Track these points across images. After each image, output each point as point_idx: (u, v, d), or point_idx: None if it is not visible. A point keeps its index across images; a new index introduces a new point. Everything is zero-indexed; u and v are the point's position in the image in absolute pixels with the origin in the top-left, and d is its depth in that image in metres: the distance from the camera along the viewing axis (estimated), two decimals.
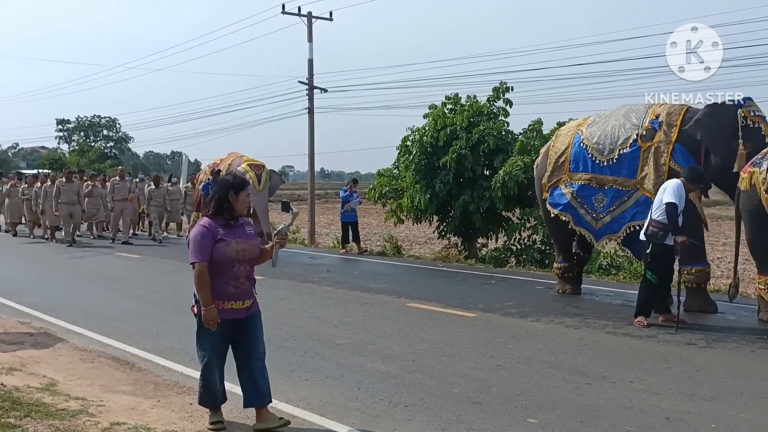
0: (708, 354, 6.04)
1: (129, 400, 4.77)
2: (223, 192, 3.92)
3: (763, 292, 7.27)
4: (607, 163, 8.23)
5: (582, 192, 8.47)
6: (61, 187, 15.47)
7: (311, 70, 24.50)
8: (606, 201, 8.26)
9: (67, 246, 15.11)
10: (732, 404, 4.67)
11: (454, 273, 11.46)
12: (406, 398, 4.76)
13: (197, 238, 3.87)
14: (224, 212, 3.93)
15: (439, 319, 7.51)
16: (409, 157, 14.10)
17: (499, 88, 13.90)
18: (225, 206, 3.92)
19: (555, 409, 4.59)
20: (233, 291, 3.97)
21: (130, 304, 8.56)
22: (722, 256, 15.49)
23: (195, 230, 3.94)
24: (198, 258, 3.86)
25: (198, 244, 3.87)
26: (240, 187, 3.97)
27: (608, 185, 8.23)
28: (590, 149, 8.39)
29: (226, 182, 3.99)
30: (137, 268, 12.19)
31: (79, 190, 15.90)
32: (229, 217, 3.94)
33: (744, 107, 7.66)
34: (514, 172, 11.99)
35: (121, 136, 72.15)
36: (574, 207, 8.55)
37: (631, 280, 10.28)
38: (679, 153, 7.80)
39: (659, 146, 7.86)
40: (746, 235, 7.48)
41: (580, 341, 6.51)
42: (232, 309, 4.00)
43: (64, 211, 15.41)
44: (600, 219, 8.36)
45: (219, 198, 3.92)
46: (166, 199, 16.72)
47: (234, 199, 3.93)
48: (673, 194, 6.87)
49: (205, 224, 3.93)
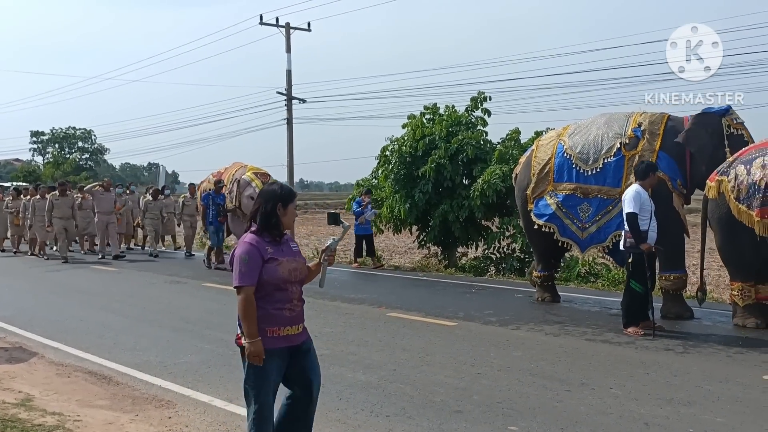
0: (685, 359, 6.11)
1: (106, 415, 4.70)
2: (270, 204, 3.42)
3: (737, 298, 7.38)
4: (592, 173, 8.21)
5: (567, 202, 8.42)
6: (55, 201, 14.80)
7: (290, 80, 24.55)
8: (591, 211, 8.24)
9: (62, 262, 14.47)
10: (709, 408, 4.72)
11: (434, 282, 11.48)
12: (387, 408, 4.75)
13: (244, 258, 3.34)
14: (272, 227, 3.42)
15: (420, 329, 7.51)
16: (389, 166, 14.12)
17: (477, 97, 13.98)
18: (273, 221, 3.42)
19: (536, 416, 4.61)
20: (289, 315, 3.43)
21: (107, 317, 8.46)
22: (698, 263, 15.67)
23: (241, 248, 3.38)
24: (246, 281, 3.33)
25: (245, 265, 3.34)
26: (289, 198, 3.47)
27: (593, 195, 8.21)
28: (574, 159, 8.36)
29: (273, 193, 3.47)
30: (113, 281, 12.05)
31: (74, 203, 15.26)
32: (277, 233, 3.44)
33: (728, 116, 7.79)
34: (493, 180, 12.06)
35: (97, 148, 71.47)
36: (560, 217, 8.50)
37: (609, 288, 10.37)
38: (663, 161, 7.84)
39: (643, 155, 7.90)
40: (717, 243, 7.58)
41: (560, 348, 6.55)
42: (288, 336, 3.45)
43: (58, 226, 14.80)
44: (586, 229, 8.32)
45: (266, 211, 3.41)
46: (163, 212, 16.13)
47: (282, 212, 3.43)
48: (631, 203, 6.97)
49: (252, 242, 3.38)
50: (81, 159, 69.99)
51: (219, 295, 10.20)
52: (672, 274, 7.88)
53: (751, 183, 6.98)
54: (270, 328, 3.38)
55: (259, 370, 3.36)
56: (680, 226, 7.89)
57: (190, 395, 5.16)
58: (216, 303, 9.55)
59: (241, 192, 13.21)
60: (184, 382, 5.49)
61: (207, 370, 5.87)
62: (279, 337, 3.40)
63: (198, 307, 9.25)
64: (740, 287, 7.35)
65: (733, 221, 7.14)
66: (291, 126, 24.98)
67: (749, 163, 7.08)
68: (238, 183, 13.34)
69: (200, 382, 5.49)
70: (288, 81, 24.97)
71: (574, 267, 11.49)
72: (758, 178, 6.92)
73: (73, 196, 15.73)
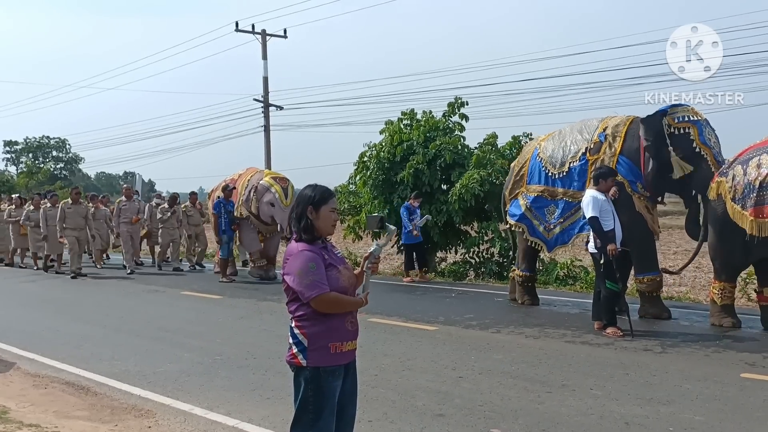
0: (663, 359, 6.17)
1: (85, 426, 4.64)
2: (300, 208, 3.15)
3: (716, 297, 7.47)
4: (559, 176, 8.42)
5: (535, 203, 8.70)
6: (67, 210, 13.44)
7: (266, 87, 24.47)
8: (557, 212, 8.46)
9: (71, 278, 13.30)
10: (688, 407, 4.78)
11: (414, 287, 11.49)
12: (370, 413, 4.73)
13: (311, 266, 3.02)
14: (305, 232, 3.12)
15: (401, 334, 7.51)
16: (367, 173, 14.11)
17: (454, 103, 14.03)
18: (302, 224, 3.12)
19: (517, 418, 4.62)
20: (350, 328, 3.15)
21: (84, 327, 8.34)
22: (674, 264, 15.85)
23: (302, 258, 3.04)
24: (322, 288, 3.01)
25: (314, 273, 3.01)
26: (321, 200, 3.14)
27: (559, 197, 8.43)
28: (544, 162, 8.61)
29: (303, 196, 3.18)
30: (90, 291, 11.89)
31: (87, 213, 13.96)
32: (310, 237, 3.12)
33: (668, 115, 7.78)
34: (471, 185, 12.10)
35: (72, 157, 70.57)
36: (528, 218, 8.80)
37: (588, 290, 10.44)
38: (623, 165, 7.93)
39: (604, 159, 8.01)
40: (709, 241, 7.65)
41: (540, 351, 6.58)
42: (349, 351, 3.15)
43: (71, 238, 13.42)
44: (551, 230, 8.58)
45: (297, 215, 3.15)
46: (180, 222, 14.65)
47: (314, 215, 3.12)
48: (589, 208, 7.11)
49: (308, 249, 3.08)
50: (55, 168, 69.06)
51: (198, 304, 10.12)
52: (646, 276, 7.97)
53: (746, 183, 7.00)
54: (333, 344, 3.07)
55: (320, 390, 3.04)
56: (645, 228, 7.94)
57: (169, 404, 5.10)
58: (195, 311, 9.47)
59: (260, 198, 12.20)
60: (164, 391, 5.43)
61: (186, 378, 5.82)
62: (341, 353, 3.10)
63: (176, 315, 9.16)
64: (722, 287, 7.45)
65: (727, 221, 7.19)
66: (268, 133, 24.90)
67: (746, 163, 7.11)
68: (256, 189, 12.27)
69: (180, 390, 5.44)
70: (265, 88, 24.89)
71: (552, 270, 11.57)
72: (753, 178, 6.94)
73: (86, 204, 14.43)
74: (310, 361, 3.03)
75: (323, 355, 3.04)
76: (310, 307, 3.04)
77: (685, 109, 7.93)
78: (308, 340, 3.04)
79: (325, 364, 3.05)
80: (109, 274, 13.87)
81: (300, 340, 3.05)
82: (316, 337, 3.04)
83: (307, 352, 3.03)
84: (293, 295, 3.09)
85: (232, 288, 11.57)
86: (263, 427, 4.53)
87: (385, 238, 3.42)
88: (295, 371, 3.10)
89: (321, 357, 3.04)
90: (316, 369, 3.04)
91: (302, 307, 3.06)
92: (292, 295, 3.10)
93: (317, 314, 3.04)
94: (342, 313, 3.11)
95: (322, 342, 3.04)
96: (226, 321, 8.68)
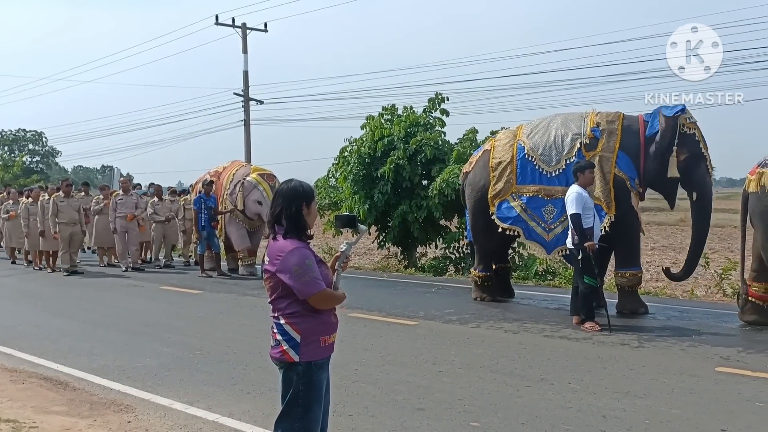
0: (641, 353, 6.26)
1: (63, 421, 4.60)
2: (294, 205, 3.11)
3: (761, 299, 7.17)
4: (555, 174, 8.23)
5: (532, 204, 8.40)
6: (60, 203, 12.74)
7: (246, 81, 24.33)
8: (556, 212, 8.20)
9: (65, 275, 12.67)
10: (664, 400, 4.85)
11: (394, 282, 11.52)
12: (350, 407, 4.75)
13: (308, 263, 3.02)
14: (301, 230, 3.11)
15: (381, 328, 7.54)
16: (348, 167, 14.11)
17: (435, 98, 14.07)
18: (301, 222, 3.12)
19: (497, 412, 4.67)
20: (335, 320, 3.19)
21: (62, 322, 8.26)
22: (651, 260, 16.08)
23: (297, 254, 3.02)
24: (321, 285, 3.03)
25: (312, 269, 3.02)
26: (312, 196, 3.18)
27: (557, 196, 8.13)
28: (536, 160, 8.34)
29: (295, 192, 3.13)
30: (69, 285, 11.77)
31: (80, 206, 13.23)
32: (305, 235, 3.14)
33: (684, 114, 7.85)
34: (451, 179, 12.14)
35: (48, 150, 69.62)
36: (524, 220, 8.46)
37: (567, 285, 10.53)
38: (623, 160, 7.98)
39: (603, 155, 7.99)
40: (758, 239, 7.23)
41: (520, 345, 6.64)
42: (333, 343, 3.21)
43: (64, 233, 12.74)
44: (551, 230, 8.30)
45: (291, 213, 3.10)
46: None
47: (307, 212, 3.14)
48: (573, 204, 7.13)
49: (301, 246, 3.07)
50: (32, 162, 68.06)
51: (178, 299, 10.06)
52: (628, 271, 8.06)
53: None
54: (323, 338, 3.11)
55: (312, 384, 3.08)
56: (636, 224, 8.06)
57: (149, 399, 5.08)
58: (175, 306, 9.42)
59: (246, 196, 12.05)
60: (143, 386, 5.40)
61: (166, 373, 5.79)
62: (328, 346, 3.15)
63: (156, 310, 9.10)
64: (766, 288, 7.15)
65: None
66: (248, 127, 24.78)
67: None
68: (242, 185, 12.11)
69: (160, 385, 5.41)
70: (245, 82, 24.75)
71: (531, 265, 11.66)
72: None
73: (80, 197, 13.77)
74: (303, 356, 3.04)
75: (315, 350, 3.07)
76: (304, 304, 3.03)
77: (689, 111, 7.99)
78: (301, 335, 3.04)
79: (316, 358, 3.08)
80: (92, 270, 13.71)
81: (292, 336, 3.04)
82: (310, 332, 3.05)
83: (299, 347, 3.04)
84: (282, 292, 3.05)
85: (212, 283, 11.51)
86: (243, 421, 4.53)
87: (356, 237, 3.41)
88: (285, 367, 3.08)
89: (313, 351, 3.06)
90: (309, 364, 3.05)
91: (294, 303, 3.04)
92: (281, 292, 3.06)
93: (310, 310, 3.05)
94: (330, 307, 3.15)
95: (314, 336, 3.07)
96: (206, 316, 8.65)
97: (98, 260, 14.51)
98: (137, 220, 13.44)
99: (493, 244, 9.02)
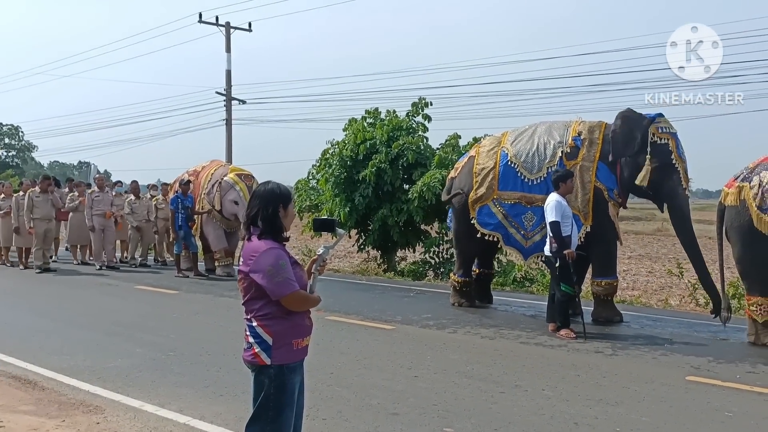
0: (614, 361, 6.30)
1: (31, 421, 4.53)
2: (271, 207, 3.08)
3: (755, 314, 6.91)
4: (536, 182, 8.23)
5: (512, 211, 8.41)
6: (35, 199, 12.65)
7: (229, 80, 24.22)
8: (536, 219, 8.22)
9: (37, 272, 12.46)
10: (635, 408, 4.89)
11: (373, 286, 11.51)
12: (324, 411, 4.73)
13: (282, 264, 2.99)
14: (277, 232, 3.09)
15: (358, 332, 7.52)
16: (329, 170, 14.08)
17: (418, 103, 14.09)
18: (278, 224, 3.10)
19: (471, 417, 4.67)
20: (309, 323, 3.16)
21: (33, 320, 8.14)
22: (627, 269, 16.25)
23: (271, 255, 2.99)
24: (294, 286, 3.00)
25: (285, 270, 2.98)
26: (289, 197, 3.16)
27: (537, 203, 8.11)
28: (519, 167, 8.34)
29: (272, 194, 3.11)
30: (41, 283, 11.61)
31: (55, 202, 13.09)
32: (281, 237, 3.12)
33: (654, 124, 7.85)
34: (432, 183, 12.16)
35: (24, 145, 68.74)
36: (504, 226, 8.49)
37: (544, 292, 10.58)
38: (602, 171, 8.01)
39: (584, 164, 8.02)
40: (735, 255, 7.13)
41: (495, 351, 6.66)
42: (307, 346, 3.17)
43: (39, 229, 12.62)
44: (530, 238, 8.34)
45: (268, 215, 3.07)
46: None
47: (283, 213, 3.11)
48: (553, 212, 7.16)
49: (275, 246, 3.05)
50: (7, 156, 67.15)
51: (152, 298, 9.97)
52: (604, 280, 8.10)
53: None
54: (295, 340, 3.07)
55: (284, 387, 3.03)
56: (613, 233, 8.10)
57: (119, 400, 5.01)
58: (149, 305, 9.33)
59: (223, 196, 11.99)
60: (114, 386, 5.33)
61: (138, 374, 5.72)
62: (301, 349, 3.11)
63: (130, 309, 9.00)
64: (759, 302, 6.87)
65: (753, 230, 6.73)
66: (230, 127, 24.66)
67: None
68: (220, 185, 12.04)
69: (130, 386, 5.35)
70: (227, 81, 24.64)
71: (510, 272, 11.71)
72: None
73: (55, 193, 13.40)
74: (275, 359, 3.00)
75: (287, 352, 3.03)
76: (276, 305, 2.99)
77: (665, 120, 7.96)
78: (273, 338, 3.00)
79: (289, 361, 3.04)
80: (65, 268, 13.54)
81: (264, 339, 3.00)
82: (281, 335, 3.01)
83: (271, 350, 3.00)
84: (255, 293, 3.02)
85: (188, 283, 11.42)
86: (215, 424, 4.48)
87: (334, 241, 3.39)
88: (256, 370, 3.05)
89: (285, 354, 3.03)
90: (280, 367, 3.01)
91: (267, 305, 3.00)
92: (254, 294, 3.02)
93: (283, 312, 3.01)
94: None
95: (286, 339, 3.03)
96: (181, 316, 8.57)
97: (72, 258, 14.33)
98: (115, 218, 13.32)
99: (474, 250, 9.05)
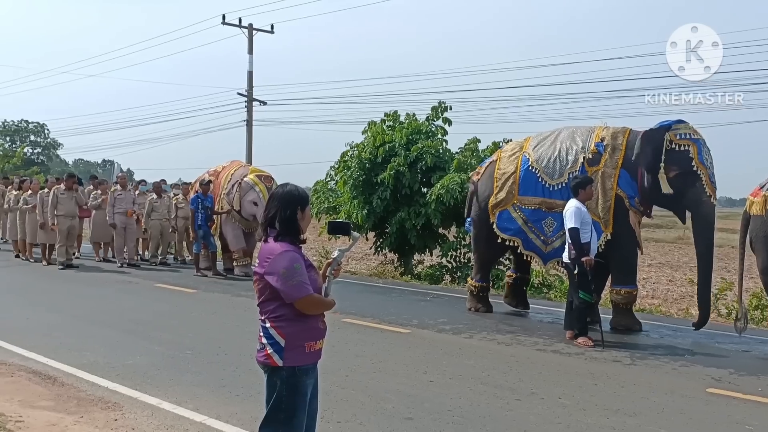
0: (632, 371, 6.24)
1: (50, 416, 4.58)
2: (289, 210, 3.09)
3: None
4: (557, 187, 8.15)
5: (533, 216, 8.35)
6: (60, 196, 12.80)
7: (251, 82, 24.36)
8: (556, 225, 8.14)
9: (60, 268, 12.66)
10: (654, 419, 4.83)
11: (389, 289, 11.50)
12: (339, 414, 4.73)
13: (297, 267, 3.00)
14: (295, 234, 3.11)
15: (374, 335, 7.51)
16: (348, 172, 14.11)
17: (438, 107, 14.08)
18: (296, 227, 3.12)
19: (485, 424, 4.64)
20: (322, 327, 3.16)
21: (54, 317, 8.24)
22: (648, 277, 16.10)
23: (286, 257, 3.00)
24: (309, 289, 3.02)
25: (300, 273, 3.00)
26: (306, 200, 3.18)
27: (558, 209, 8.00)
28: (540, 173, 8.27)
29: (291, 196, 3.12)
30: (62, 280, 11.74)
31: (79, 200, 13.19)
32: (298, 240, 3.14)
33: (671, 131, 7.73)
34: (452, 186, 12.13)
35: (50, 143, 69.60)
36: (524, 231, 8.43)
37: (562, 299, 10.52)
38: (624, 178, 7.90)
39: (605, 171, 7.92)
40: (759, 265, 7.06)
41: (512, 358, 6.62)
42: (320, 349, 3.17)
43: (63, 226, 12.78)
44: (550, 243, 8.26)
45: (286, 217, 3.08)
46: None
47: (301, 216, 3.12)
48: (572, 219, 7.10)
49: (292, 249, 3.05)
50: (33, 153, 68.04)
51: (171, 297, 10.04)
52: (623, 289, 8.01)
53: None
54: (308, 343, 3.07)
55: (296, 389, 3.04)
56: (634, 241, 8.01)
57: (137, 397, 5.05)
58: (168, 304, 9.39)
59: (243, 196, 12.01)
60: (132, 384, 5.38)
61: (156, 372, 5.77)
62: (314, 352, 3.11)
63: (149, 308, 9.07)
64: None
65: None
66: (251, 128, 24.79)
67: None
68: (240, 185, 12.08)
69: (148, 384, 5.39)
70: (249, 82, 24.78)
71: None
72: None
73: (80, 191, 13.54)
74: (287, 361, 3.01)
75: (299, 355, 3.03)
76: (290, 308, 3.00)
77: (687, 127, 7.82)
78: (286, 340, 3.01)
79: (301, 363, 3.04)
80: (87, 265, 13.68)
81: (276, 341, 3.01)
82: (294, 337, 3.02)
83: (283, 352, 3.01)
84: (270, 295, 3.03)
85: (206, 282, 11.49)
86: (231, 424, 4.51)
87: (349, 244, 3.38)
88: (269, 371, 3.06)
89: (297, 357, 3.03)
90: (293, 369, 3.02)
91: (281, 307, 3.01)
92: (268, 295, 3.04)
93: (296, 314, 3.02)
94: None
95: (299, 342, 3.03)
96: (198, 315, 8.62)
97: (94, 255, 14.50)
98: (136, 216, 13.49)
99: (493, 255, 9.03)
